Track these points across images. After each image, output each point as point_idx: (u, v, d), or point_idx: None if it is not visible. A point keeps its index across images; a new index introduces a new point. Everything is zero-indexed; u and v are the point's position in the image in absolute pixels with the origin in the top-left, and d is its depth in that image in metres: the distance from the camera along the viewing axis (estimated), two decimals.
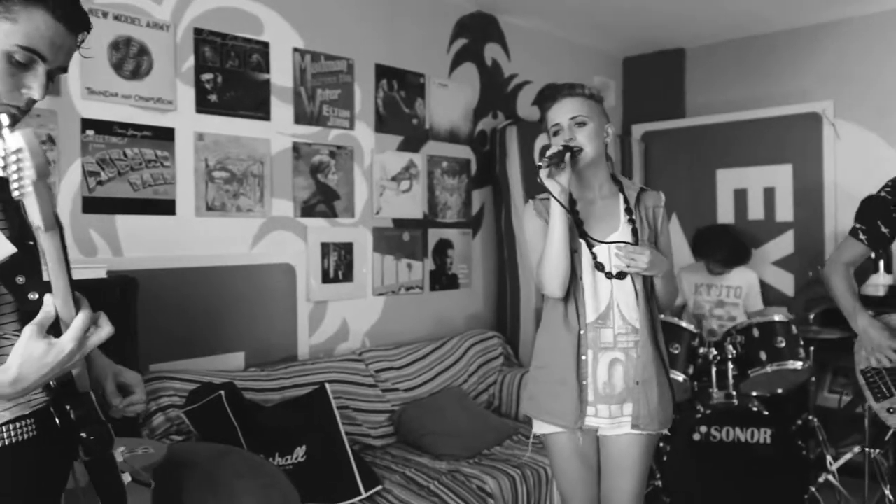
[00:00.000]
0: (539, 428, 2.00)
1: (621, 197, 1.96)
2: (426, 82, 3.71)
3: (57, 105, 2.38)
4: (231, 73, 2.87)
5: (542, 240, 1.91)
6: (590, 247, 1.91)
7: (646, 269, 1.81)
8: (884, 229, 2.12)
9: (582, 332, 1.90)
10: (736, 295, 4.05)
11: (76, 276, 2.07)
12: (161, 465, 1.93)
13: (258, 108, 2.97)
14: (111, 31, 2.51)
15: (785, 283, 4.33)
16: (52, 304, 0.99)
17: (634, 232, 1.90)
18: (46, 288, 1.02)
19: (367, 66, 3.42)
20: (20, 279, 1.01)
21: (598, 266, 1.90)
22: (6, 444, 1.08)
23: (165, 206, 2.67)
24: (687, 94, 4.96)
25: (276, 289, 3.02)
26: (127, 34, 2.55)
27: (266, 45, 2.99)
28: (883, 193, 2.13)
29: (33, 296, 1.02)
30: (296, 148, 3.11)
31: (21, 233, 1.06)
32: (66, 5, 1.07)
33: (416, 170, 3.65)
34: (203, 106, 2.78)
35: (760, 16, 4.21)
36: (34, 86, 1.07)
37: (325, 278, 3.22)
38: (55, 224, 0.96)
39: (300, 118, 3.12)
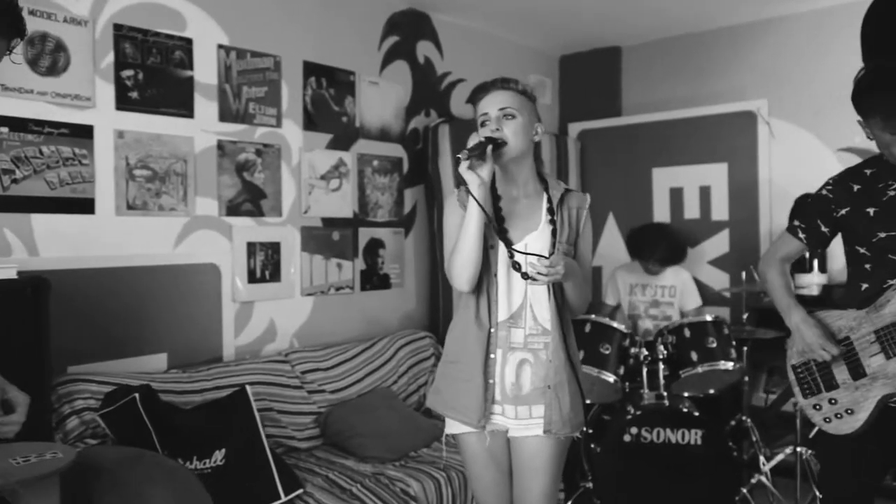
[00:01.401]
0: (450, 427, 2.11)
1: (545, 196, 2.04)
2: (356, 80, 3.86)
3: None
4: (153, 70, 2.96)
5: (459, 231, 1.99)
6: (507, 245, 2.00)
7: (559, 279, 1.89)
8: (824, 228, 2.19)
9: (492, 330, 1.98)
10: (670, 294, 4.27)
11: None
12: (70, 470, 2.02)
13: (181, 105, 3.07)
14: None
15: (721, 281, 4.59)
16: None
17: (553, 233, 2.00)
18: None
19: (294, 63, 3.55)
20: None
21: (515, 266, 1.98)
22: None
23: (84, 205, 2.75)
24: (623, 92, 5.22)
25: (200, 289, 3.13)
26: (43, 29, 2.63)
27: (189, 41, 3.10)
28: (824, 192, 2.18)
29: None
30: (220, 146, 3.22)
31: None
32: None
33: (346, 168, 3.80)
34: (123, 103, 2.87)
35: (696, 13, 4.45)
36: None
37: (252, 278, 3.35)
38: None
39: (225, 116, 3.24)
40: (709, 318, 3.61)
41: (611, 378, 3.45)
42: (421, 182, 4.22)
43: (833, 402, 2.12)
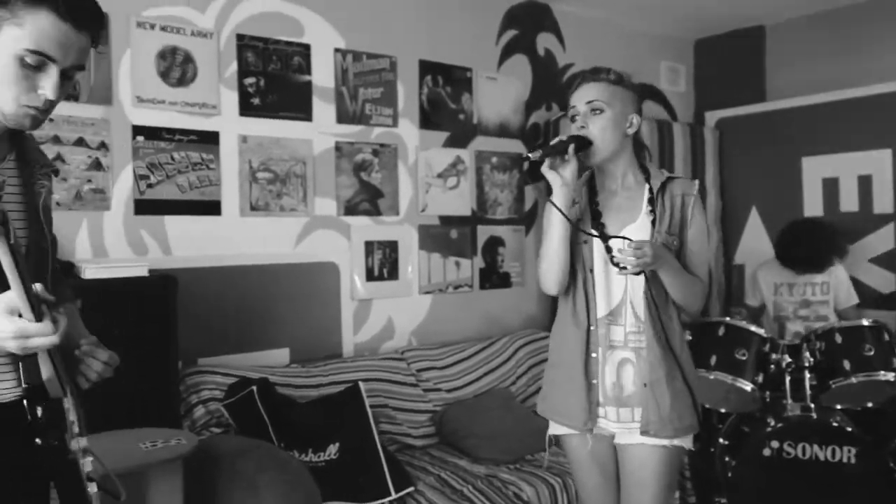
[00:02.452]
0: (553, 428, 2.10)
1: (646, 187, 1.99)
2: (473, 76, 3.93)
3: (109, 114, 2.76)
4: (273, 77, 3.19)
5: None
6: (603, 239, 1.96)
7: (650, 264, 1.82)
8: None
9: (592, 329, 1.96)
10: (823, 292, 3.91)
11: (123, 273, 2.42)
12: (193, 457, 2.22)
13: (300, 109, 3.28)
14: (158, 42, 2.87)
15: (885, 282, 4.20)
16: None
17: (653, 223, 1.94)
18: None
19: (410, 62, 3.68)
20: None
21: (612, 260, 1.94)
22: None
23: (211, 207, 3.01)
24: (767, 75, 4.94)
25: (319, 287, 3.33)
26: (173, 44, 2.90)
27: (307, 47, 3.30)
28: None
29: None
30: (338, 147, 3.40)
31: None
32: (71, 5, 1.17)
33: (464, 166, 3.88)
34: (246, 109, 3.11)
35: None
36: (47, 86, 1.19)
37: (370, 276, 3.50)
38: None
39: (342, 117, 3.42)
40: (865, 322, 3.31)
41: (748, 386, 3.22)
42: (542, 178, 4.21)
43: None
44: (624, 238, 1.90)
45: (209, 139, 3.00)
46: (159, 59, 2.87)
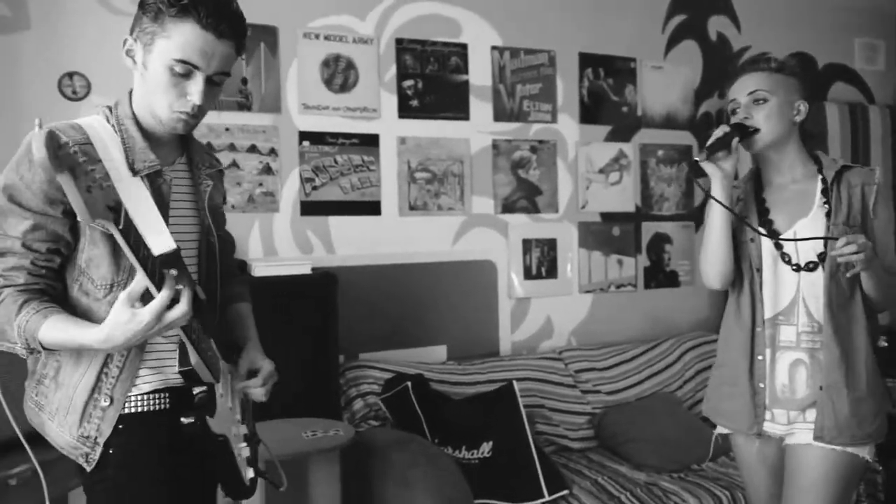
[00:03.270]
0: (720, 428, 2.00)
1: (819, 178, 1.84)
2: (637, 66, 3.72)
3: (278, 121, 2.89)
4: (431, 78, 3.20)
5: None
6: (771, 236, 1.82)
7: (869, 260, 1.64)
8: None
9: (758, 330, 1.84)
10: None
11: (289, 271, 2.52)
12: (351, 447, 2.28)
13: (457, 108, 3.26)
14: (322, 51, 2.97)
15: None
16: (140, 280, 1.17)
17: (828, 216, 1.79)
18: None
19: (569, 56, 3.55)
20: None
21: (783, 257, 1.81)
22: (143, 411, 1.37)
23: (372, 207, 3.07)
24: None
25: (477, 285, 3.30)
26: (336, 52, 2.99)
27: (464, 46, 3.28)
28: None
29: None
30: (495, 145, 3.35)
31: None
32: (212, 15, 1.25)
33: (627, 160, 3.69)
34: (404, 111, 3.14)
35: None
36: (194, 92, 1.28)
37: (528, 275, 3.43)
38: (89, 216, 1.03)
39: (499, 115, 3.36)
40: None
41: None
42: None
43: None
44: (813, 238, 1.77)
45: (370, 142, 3.06)
46: (323, 67, 2.97)
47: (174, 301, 1.19)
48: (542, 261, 3.46)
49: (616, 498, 2.57)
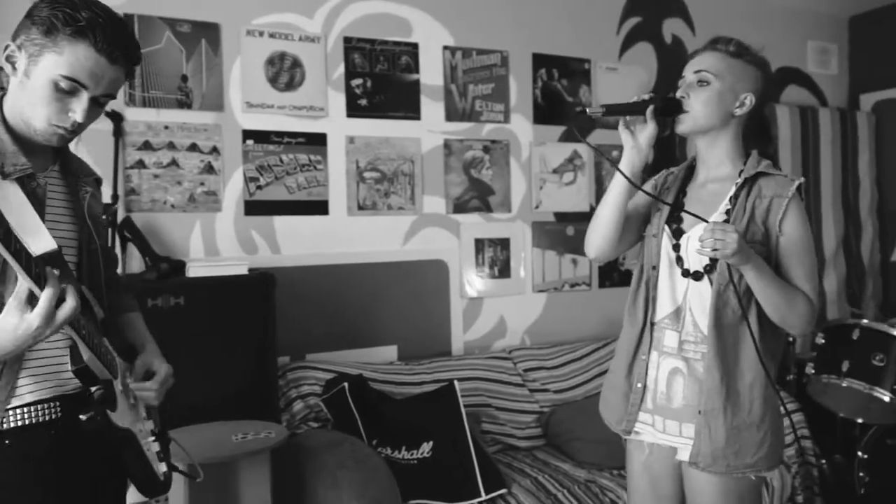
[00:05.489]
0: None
1: (736, 181, 1.61)
2: (592, 68, 3.56)
3: (220, 119, 2.71)
4: (380, 77, 3.02)
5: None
6: (675, 236, 1.64)
7: (730, 254, 1.43)
8: None
9: (645, 330, 1.66)
10: None
11: (224, 272, 2.35)
12: (284, 449, 2.12)
13: (408, 108, 3.08)
14: (267, 49, 2.79)
15: None
16: (23, 282, 1.07)
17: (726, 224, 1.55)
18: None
19: (523, 56, 3.38)
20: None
21: (677, 260, 1.63)
22: (23, 424, 1.22)
23: (319, 207, 2.89)
24: None
25: (428, 285, 3.12)
26: (281, 49, 2.81)
27: (415, 46, 3.10)
28: None
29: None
30: (447, 145, 3.18)
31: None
32: (108, 40, 1.20)
33: (582, 160, 3.52)
34: (353, 110, 2.96)
35: None
36: (77, 109, 1.22)
37: (480, 274, 3.26)
38: None
39: (451, 115, 3.19)
40: None
41: (886, 396, 2.75)
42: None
43: None
44: (698, 217, 1.55)
45: (317, 141, 2.88)
46: (268, 65, 2.79)
47: (60, 300, 1.09)
48: (495, 260, 3.29)
49: (553, 496, 2.45)
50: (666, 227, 1.66)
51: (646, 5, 3.73)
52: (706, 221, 1.49)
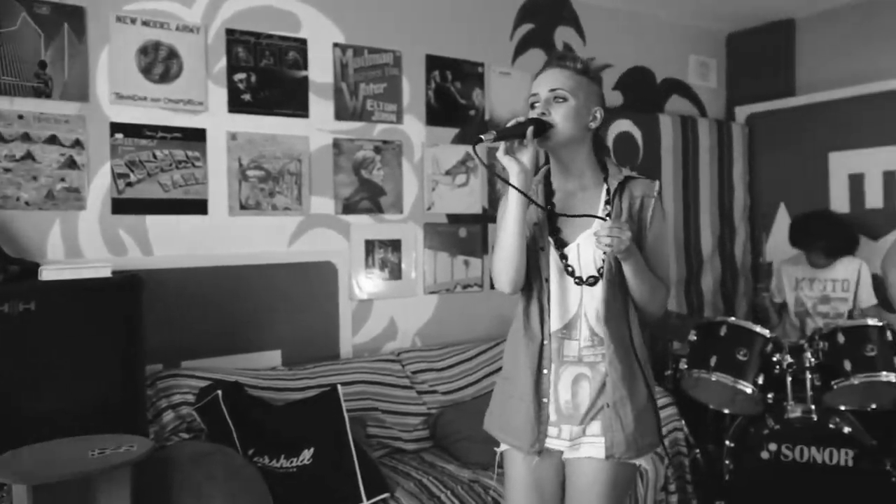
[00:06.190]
0: (502, 445, 1.79)
1: (604, 187, 1.69)
2: (486, 71, 3.51)
3: (85, 110, 2.47)
4: (266, 72, 2.84)
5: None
6: (559, 246, 1.67)
7: (624, 250, 1.53)
8: None
9: (545, 343, 1.66)
10: (843, 288, 3.55)
11: (83, 275, 2.12)
12: (147, 463, 1.93)
13: (295, 105, 2.93)
14: (139, 37, 2.56)
15: None
16: None
17: None
18: None
19: (416, 57, 3.29)
20: None
21: (567, 269, 1.66)
22: None
23: (197, 206, 2.69)
24: (797, 69, 4.38)
25: (316, 287, 2.98)
26: (155, 38, 2.59)
27: (303, 41, 2.95)
28: None
29: None
30: (336, 144, 3.04)
31: None
32: None
33: (474, 163, 3.46)
34: (236, 106, 2.78)
35: None
36: None
37: (371, 276, 3.14)
38: None
39: (341, 114, 3.05)
40: (870, 322, 2.92)
41: (748, 388, 2.89)
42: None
43: None
44: (594, 216, 1.62)
45: (195, 136, 2.68)
46: (140, 54, 2.56)
47: None
48: (385, 262, 3.18)
49: (436, 497, 2.38)
50: (550, 240, 1.69)
51: (538, 13, 3.73)
52: (604, 219, 1.57)
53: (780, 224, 4.25)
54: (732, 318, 3.05)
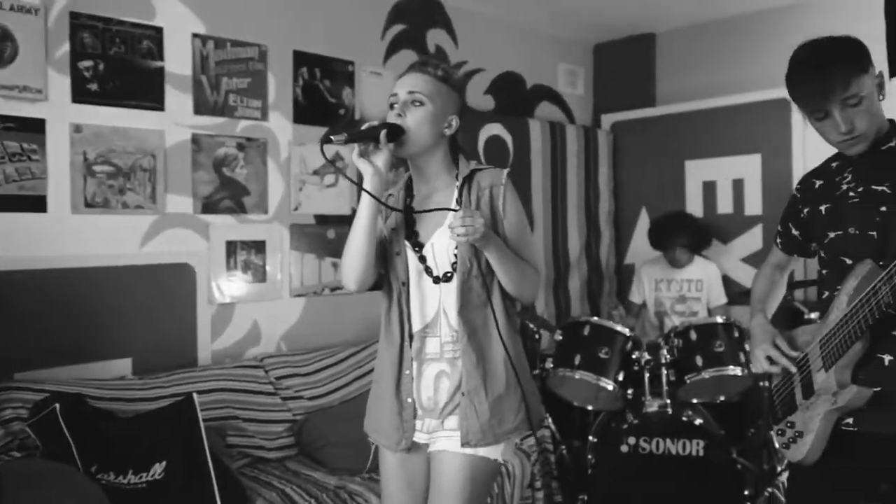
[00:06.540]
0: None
1: (456, 185, 1.76)
2: (356, 70, 3.52)
3: None
4: (116, 61, 2.71)
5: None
6: (416, 248, 1.74)
7: (480, 238, 1.57)
8: (794, 232, 1.81)
9: (405, 345, 1.74)
10: (697, 288, 3.86)
11: None
12: None
13: (149, 97, 2.81)
14: None
15: None
16: None
17: None
18: None
19: (283, 52, 3.24)
20: None
21: (427, 270, 1.73)
22: None
23: (34, 203, 2.52)
24: (657, 81, 4.71)
25: (171, 291, 2.86)
26: None
27: (159, 30, 2.83)
28: (794, 191, 1.82)
29: None
30: (195, 140, 2.94)
31: None
32: None
33: (344, 163, 3.46)
34: (81, 95, 2.62)
35: None
36: None
37: (232, 279, 3.06)
38: None
39: (201, 108, 2.96)
40: (719, 319, 3.18)
41: (609, 385, 3.06)
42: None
43: (790, 424, 1.70)
44: (443, 209, 1.69)
45: (32, 127, 2.51)
46: None
47: None
48: (248, 264, 3.11)
49: None
50: (407, 243, 1.75)
51: (411, 14, 3.78)
52: (454, 210, 1.62)
53: (642, 228, 4.55)
54: (595, 318, 3.22)
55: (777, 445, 1.73)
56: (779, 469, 3.08)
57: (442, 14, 3.96)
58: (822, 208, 1.67)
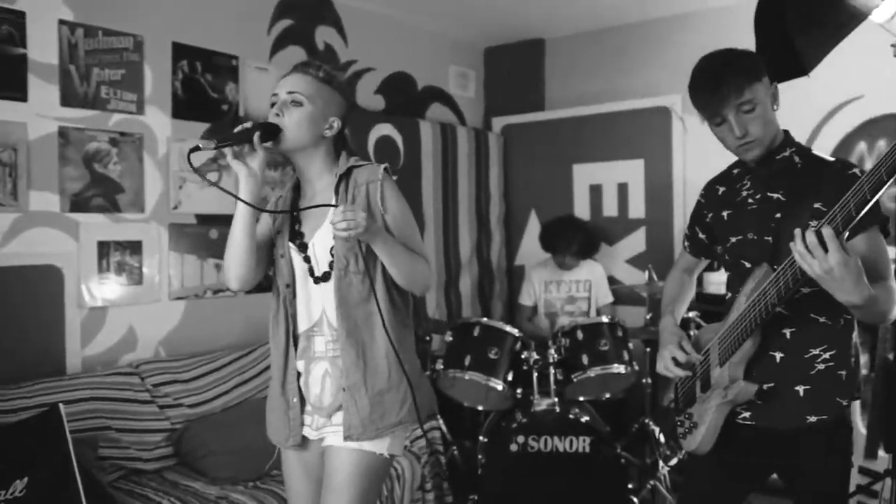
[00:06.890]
0: None
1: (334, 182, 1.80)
2: (240, 65, 3.46)
3: None
4: None
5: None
6: (301, 249, 1.79)
7: (363, 232, 1.58)
8: (701, 235, 1.96)
9: (290, 345, 1.80)
10: (585, 289, 4.05)
11: None
12: None
13: (10, 87, 2.66)
14: None
15: (638, 281, 4.29)
16: None
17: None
18: None
19: (161, 44, 3.15)
20: None
21: (310, 271, 1.78)
22: None
23: None
24: (546, 86, 4.90)
25: (35, 294, 2.73)
26: None
27: (21, 15, 2.69)
28: (699, 196, 1.95)
29: None
30: (63, 134, 2.81)
31: None
32: None
33: (226, 161, 3.38)
34: None
35: (615, 5, 4.17)
36: None
37: (105, 281, 2.94)
38: None
39: (69, 100, 2.83)
40: (605, 319, 3.36)
41: (499, 385, 3.17)
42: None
43: (689, 416, 1.84)
44: (325, 205, 1.71)
45: None
46: None
47: None
48: (122, 265, 3.00)
49: None
50: (291, 245, 1.79)
51: (298, 9, 3.77)
52: (334, 206, 1.63)
53: (532, 230, 4.73)
54: (485, 319, 3.33)
55: (679, 435, 1.86)
56: (660, 463, 3.29)
57: (331, 11, 3.97)
58: (725, 214, 1.81)
